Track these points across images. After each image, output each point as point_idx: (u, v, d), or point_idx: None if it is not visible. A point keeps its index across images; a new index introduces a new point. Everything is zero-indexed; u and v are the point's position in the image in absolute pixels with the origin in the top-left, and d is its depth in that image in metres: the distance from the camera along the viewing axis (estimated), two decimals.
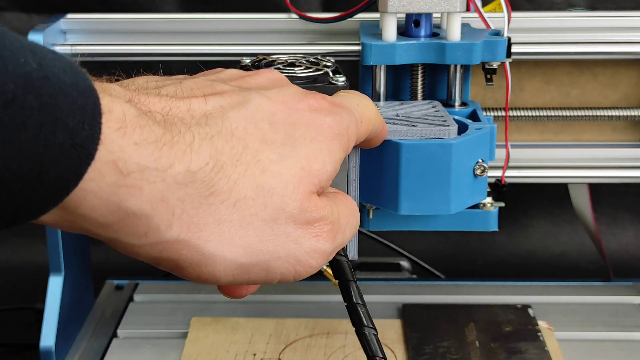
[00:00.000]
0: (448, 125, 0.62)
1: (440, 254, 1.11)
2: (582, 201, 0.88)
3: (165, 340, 0.80)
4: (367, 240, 0.94)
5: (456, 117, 0.67)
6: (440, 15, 0.73)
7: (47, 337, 0.77)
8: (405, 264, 0.96)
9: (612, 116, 0.80)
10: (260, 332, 0.79)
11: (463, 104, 0.72)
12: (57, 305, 0.78)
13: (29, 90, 0.35)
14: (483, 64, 0.71)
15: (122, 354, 0.78)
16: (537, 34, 0.78)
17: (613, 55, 0.78)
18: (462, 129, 0.64)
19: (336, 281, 0.52)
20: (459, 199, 0.63)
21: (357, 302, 0.51)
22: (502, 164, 0.75)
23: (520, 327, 0.78)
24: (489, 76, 0.71)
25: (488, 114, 0.78)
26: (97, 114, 0.37)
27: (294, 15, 0.78)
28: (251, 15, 0.79)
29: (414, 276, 0.96)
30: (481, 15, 0.72)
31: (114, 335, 0.81)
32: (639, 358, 0.76)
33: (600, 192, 1.07)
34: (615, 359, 0.76)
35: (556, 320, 0.81)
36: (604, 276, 0.90)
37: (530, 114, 0.80)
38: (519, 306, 0.82)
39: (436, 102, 0.68)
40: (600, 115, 0.80)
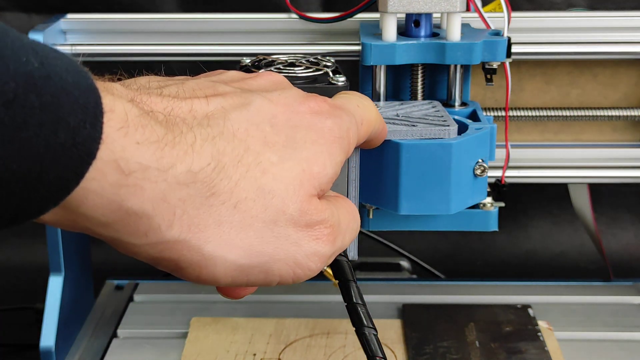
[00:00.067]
0: (448, 125, 0.62)
1: (440, 254, 1.11)
2: (582, 201, 0.88)
3: (165, 340, 0.80)
4: (367, 240, 0.94)
5: (456, 117, 0.67)
6: (440, 15, 0.73)
7: (47, 337, 0.77)
8: (405, 264, 0.96)
9: (612, 116, 0.80)
10: (260, 332, 0.79)
11: (463, 104, 0.72)
12: (57, 305, 0.78)
13: (30, 89, 0.35)
14: (483, 64, 0.71)
15: (122, 354, 0.78)
16: (537, 34, 0.78)
17: (613, 55, 0.78)
18: (462, 129, 0.64)
19: (336, 281, 0.52)
20: (459, 199, 0.63)
21: (357, 302, 0.51)
22: (502, 164, 0.75)
23: (520, 327, 0.78)
24: (489, 76, 0.71)
25: (488, 114, 0.78)
26: (99, 113, 0.37)
27: (294, 15, 0.78)
28: (251, 15, 0.79)
29: (414, 276, 0.96)
30: (481, 15, 0.72)
31: (114, 335, 0.81)
32: (639, 358, 0.76)
33: (600, 192, 1.07)
34: (615, 359, 0.76)
35: (556, 320, 0.81)
36: (604, 276, 0.90)
37: (530, 114, 0.80)
38: (519, 306, 0.82)
39: (436, 102, 0.68)
40: (600, 115, 0.80)
